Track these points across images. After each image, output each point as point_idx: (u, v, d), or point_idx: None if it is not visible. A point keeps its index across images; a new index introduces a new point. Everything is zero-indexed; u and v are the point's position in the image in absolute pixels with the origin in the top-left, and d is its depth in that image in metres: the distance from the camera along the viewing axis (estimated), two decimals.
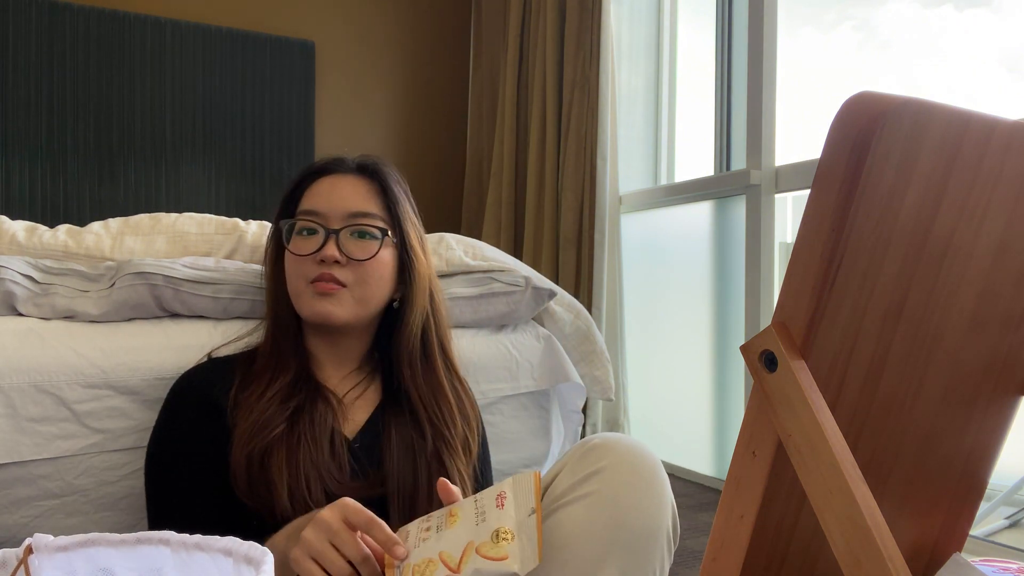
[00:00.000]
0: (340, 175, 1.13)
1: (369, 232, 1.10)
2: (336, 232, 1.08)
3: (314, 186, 1.13)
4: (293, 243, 1.10)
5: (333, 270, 1.07)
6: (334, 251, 1.06)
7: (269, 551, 0.39)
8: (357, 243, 1.09)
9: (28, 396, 1.11)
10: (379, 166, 1.15)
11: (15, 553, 0.39)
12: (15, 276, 1.22)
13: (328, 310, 1.06)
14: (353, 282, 1.08)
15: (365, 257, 1.08)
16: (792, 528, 0.53)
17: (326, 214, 1.09)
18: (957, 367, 0.55)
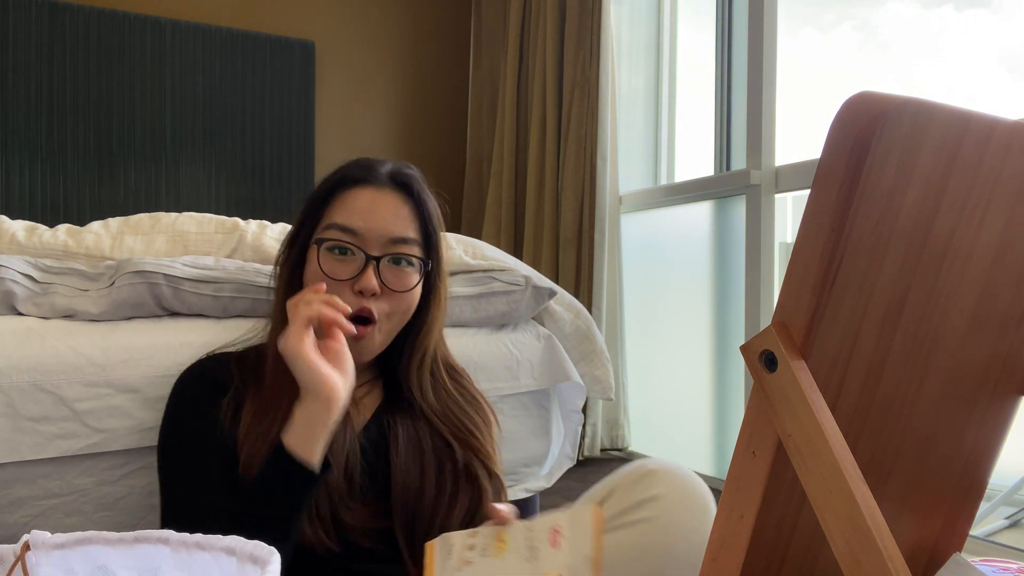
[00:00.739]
0: (379, 189, 1.06)
1: (409, 261, 1.04)
2: (377, 260, 1.01)
3: (349, 198, 1.05)
4: (325, 261, 1.02)
5: (369, 302, 1.01)
6: (374, 283, 1.00)
7: (275, 550, 0.39)
8: (395, 272, 1.03)
9: (28, 395, 1.11)
10: (419, 186, 1.09)
11: (12, 550, 0.39)
12: (15, 275, 1.23)
13: (357, 353, 0.99)
14: (386, 315, 1.03)
15: (403, 289, 1.03)
16: (792, 528, 0.53)
17: (365, 236, 1.02)
18: (957, 367, 0.55)
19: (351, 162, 1.11)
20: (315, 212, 1.07)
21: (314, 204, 1.08)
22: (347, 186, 1.06)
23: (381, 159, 1.12)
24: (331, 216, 1.04)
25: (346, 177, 1.07)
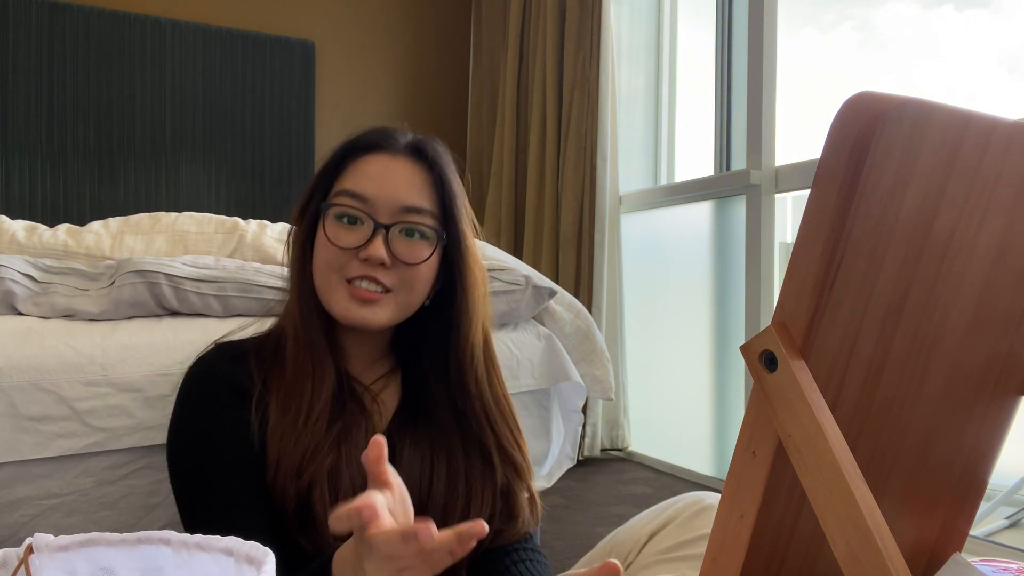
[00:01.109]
0: (393, 156, 0.98)
1: (422, 232, 0.96)
2: (386, 228, 0.94)
3: (361, 164, 0.98)
4: (331, 229, 0.94)
5: (377, 273, 0.93)
6: (382, 252, 0.92)
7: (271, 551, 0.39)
8: (407, 243, 0.95)
9: (28, 395, 1.11)
10: (437, 152, 1.00)
11: (16, 553, 0.39)
12: (15, 275, 1.23)
13: (365, 317, 0.94)
14: (398, 287, 0.95)
15: (415, 262, 0.95)
16: (792, 528, 0.53)
17: (374, 202, 0.94)
18: (957, 367, 0.55)
19: (367, 128, 1.03)
20: (326, 179, 1.00)
21: (326, 171, 1.01)
22: (360, 152, 0.99)
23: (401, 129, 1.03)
24: (342, 183, 0.97)
25: (360, 143, 0.99)
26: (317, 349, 0.96)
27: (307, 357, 0.94)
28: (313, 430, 0.90)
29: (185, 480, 0.93)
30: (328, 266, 0.95)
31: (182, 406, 0.96)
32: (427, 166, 0.98)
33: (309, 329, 0.97)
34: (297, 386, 0.92)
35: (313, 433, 0.90)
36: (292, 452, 0.88)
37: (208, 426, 0.92)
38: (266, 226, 1.76)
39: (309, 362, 0.93)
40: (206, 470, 0.91)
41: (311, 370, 0.93)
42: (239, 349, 0.99)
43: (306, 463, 0.88)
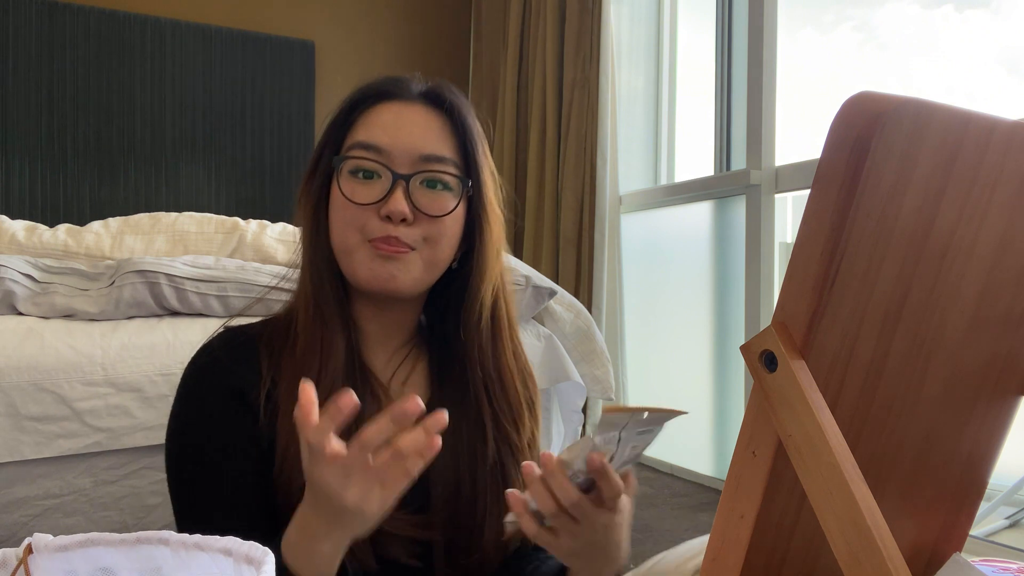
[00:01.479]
0: (406, 103, 0.90)
1: (444, 182, 0.88)
2: (406, 178, 0.85)
3: (372, 114, 0.89)
4: (347, 185, 0.87)
5: (399, 230, 0.85)
6: (404, 206, 0.84)
7: (270, 551, 0.39)
8: (429, 195, 0.87)
9: (28, 395, 1.11)
10: (454, 97, 0.92)
11: (15, 553, 0.39)
12: (15, 275, 1.23)
13: (391, 275, 0.85)
14: (423, 243, 0.87)
15: (440, 214, 0.87)
16: (792, 528, 0.53)
17: (391, 152, 0.86)
18: (957, 367, 0.55)
19: (376, 78, 0.95)
20: (336, 134, 0.91)
21: (335, 126, 0.91)
22: (370, 102, 0.91)
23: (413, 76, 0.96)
24: (353, 136, 0.89)
25: (369, 92, 0.91)
26: (327, 319, 0.88)
27: (316, 329, 0.87)
28: None
29: (177, 483, 0.89)
30: (347, 225, 0.86)
31: (180, 405, 0.90)
32: (444, 112, 0.91)
33: (319, 299, 0.89)
34: (304, 364, 0.85)
35: None
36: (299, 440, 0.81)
37: (202, 431, 0.86)
38: (266, 226, 1.76)
39: (318, 335, 0.86)
40: (198, 478, 0.86)
41: (319, 345, 0.86)
42: (248, 335, 0.91)
43: None
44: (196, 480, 0.86)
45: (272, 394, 0.85)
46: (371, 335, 0.93)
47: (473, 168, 0.90)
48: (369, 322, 0.93)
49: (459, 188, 0.89)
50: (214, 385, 0.87)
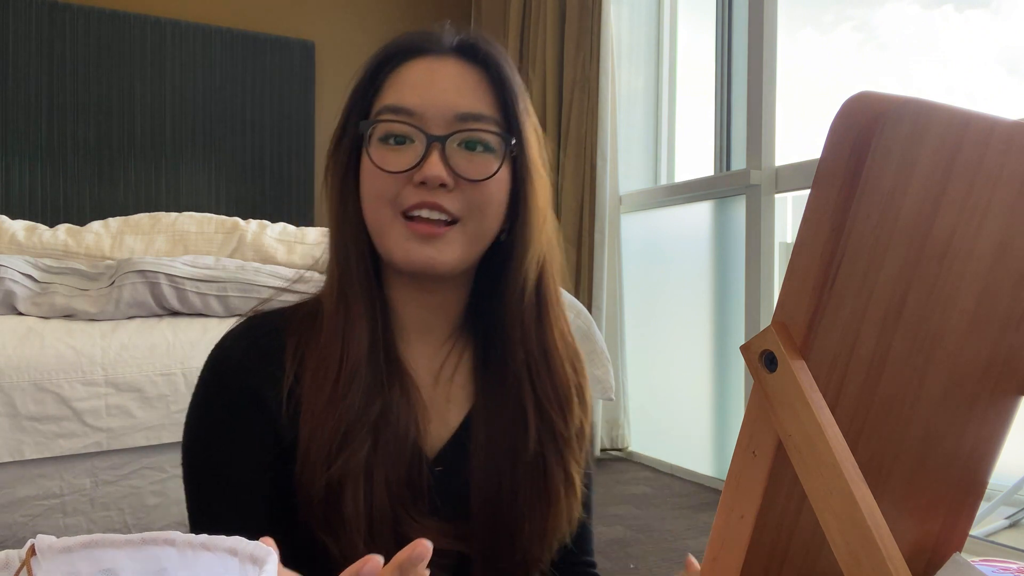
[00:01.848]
0: (437, 58, 0.80)
1: (484, 142, 0.78)
2: (441, 140, 0.76)
3: (401, 73, 0.80)
4: (377, 153, 0.77)
5: (438, 197, 0.75)
6: (440, 169, 0.75)
7: (272, 550, 0.39)
8: (469, 157, 0.77)
9: (28, 394, 1.11)
10: (490, 48, 0.83)
11: (18, 554, 0.39)
12: (15, 275, 1.23)
13: (430, 257, 0.76)
14: (466, 213, 0.77)
15: (482, 177, 0.77)
16: (792, 528, 0.53)
17: (423, 113, 0.77)
18: (957, 367, 0.55)
19: (404, 34, 0.85)
20: (362, 99, 0.82)
21: (360, 89, 0.82)
22: (398, 60, 0.81)
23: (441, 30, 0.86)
24: (381, 99, 0.80)
25: (396, 49, 0.82)
26: (350, 303, 0.79)
27: (340, 311, 0.78)
28: (344, 406, 0.75)
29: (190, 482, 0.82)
30: (379, 198, 0.77)
31: (197, 400, 0.82)
32: (480, 65, 0.81)
33: (343, 281, 0.80)
34: (328, 351, 0.78)
35: (345, 411, 0.75)
36: (322, 434, 0.75)
37: (216, 433, 0.80)
38: (266, 226, 1.76)
39: (342, 318, 0.78)
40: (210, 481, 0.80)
41: (343, 328, 0.78)
42: (274, 326, 0.82)
43: (336, 450, 0.74)
44: (208, 482, 0.81)
45: (294, 390, 0.78)
46: (410, 324, 0.83)
47: (515, 125, 0.80)
48: (407, 307, 0.82)
49: (501, 148, 0.79)
50: (231, 384, 0.80)
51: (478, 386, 0.84)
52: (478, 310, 0.85)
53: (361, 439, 0.75)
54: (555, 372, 0.83)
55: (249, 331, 0.82)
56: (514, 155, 0.80)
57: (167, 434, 1.31)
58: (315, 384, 0.77)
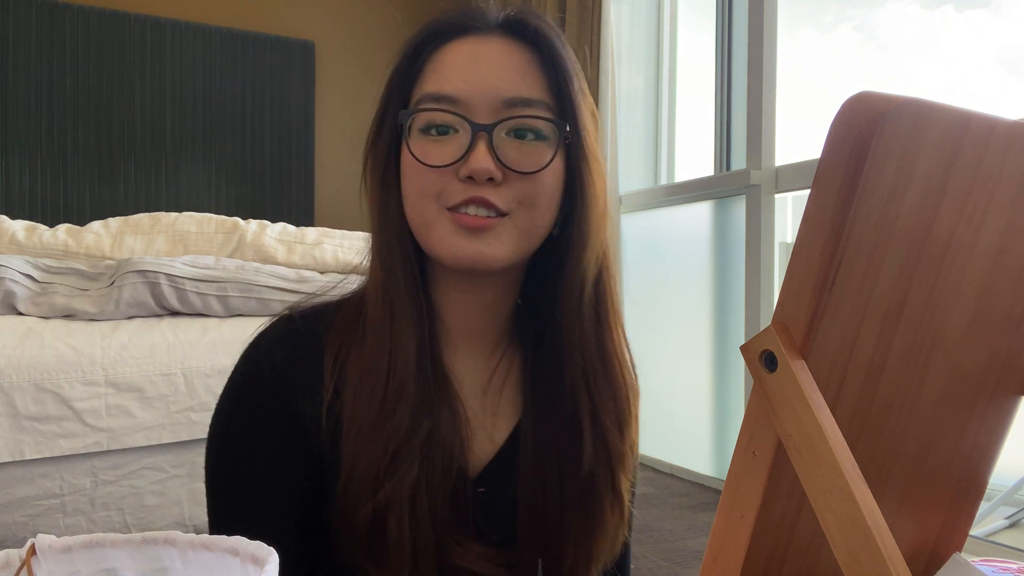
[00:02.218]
0: (482, 37, 0.74)
1: (535, 129, 0.71)
2: (488, 129, 0.69)
3: (443, 55, 0.74)
4: (418, 146, 0.71)
5: (486, 191, 0.69)
6: (488, 162, 0.68)
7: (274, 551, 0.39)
8: (519, 147, 0.71)
9: (28, 394, 1.11)
10: (540, 23, 0.77)
11: (18, 554, 0.39)
12: (15, 275, 1.23)
13: (479, 251, 0.69)
14: (516, 206, 0.70)
15: (534, 169, 0.70)
16: (792, 528, 0.53)
17: (467, 100, 0.70)
18: (957, 367, 0.55)
19: (445, 11, 0.78)
20: (401, 84, 0.75)
21: (398, 74, 0.76)
22: (439, 41, 0.74)
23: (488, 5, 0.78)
24: (422, 86, 0.73)
25: (437, 29, 0.75)
26: (396, 313, 0.73)
27: (385, 319, 0.72)
28: (392, 426, 0.70)
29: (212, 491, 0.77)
30: (421, 194, 0.71)
31: (225, 406, 0.77)
32: (530, 43, 0.74)
33: (389, 286, 0.74)
34: (372, 363, 0.72)
35: (392, 432, 0.70)
36: (368, 457, 0.70)
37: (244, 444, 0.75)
38: (266, 226, 1.76)
39: (387, 327, 0.72)
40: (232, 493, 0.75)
41: (388, 339, 0.72)
42: (312, 331, 0.76)
43: (384, 474, 0.69)
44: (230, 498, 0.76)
45: (334, 404, 0.72)
46: (456, 330, 0.77)
47: (569, 109, 0.73)
48: (454, 311, 0.77)
49: (555, 135, 0.72)
50: (263, 394, 0.74)
51: (527, 397, 0.78)
52: (528, 313, 0.79)
53: (409, 462, 0.70)
54: (613, 380, 0.77)
55: (284, 335, 0.76)
56: (568, 142, 0.73)
57: (167, 434, 1.31)
58: (359, 401, 0.71)
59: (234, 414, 0.75)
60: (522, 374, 0.79)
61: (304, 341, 0.75)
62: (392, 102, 0.75)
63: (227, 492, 0.75)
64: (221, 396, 0.77)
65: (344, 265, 1.75)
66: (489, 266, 0.71)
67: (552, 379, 0.76)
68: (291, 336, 0.75)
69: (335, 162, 3.62)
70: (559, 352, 0.75)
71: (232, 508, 0.75)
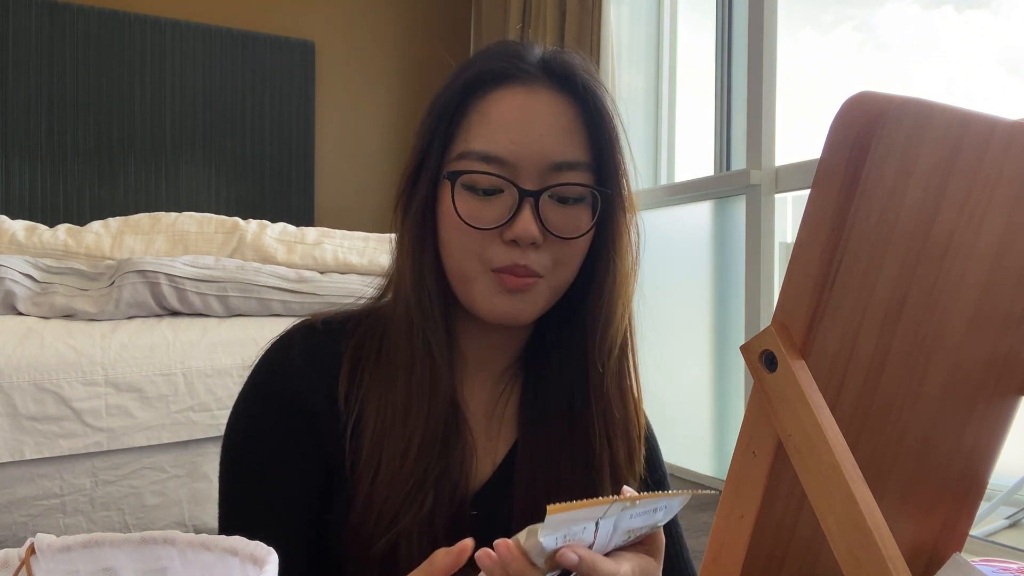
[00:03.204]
0: (530, 90, 0.72)
1: (578, 196, 0.72)
2: (535, 196, 0.70)
3: (490, 106, 0.72)
4: (463, 204, 0.71)
5: (528, 257, 0.70)
6: (534, 230, 0.69)
7: (273, 551, 0.39)
8: (561, 212, 0.72)
9: (28, 394, 1.11)
10: (588, 79, 0.74)
11: (17, 553, 0.39)
12: (15, 275, 1.23)
13: (518, 310, 0.72)
14: (551, 268, 0.72)
15: (574, 235, 0.72)
16: (792, 528, 0.53)
17: (515, 163, 0.70)
18: (957, 367, 0.55)
19: (488, 50, 0.77)
20: (446, 128, 0.74)
21: (443, 116, 0.75)
22: (487, 86, 0.73)
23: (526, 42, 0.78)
24: (467, 137, 0.72)
25: (484, 72, 0.73)
26: (437, 362, 0.74)
27: (415, 359, 0.74)
28: (414, 469, 0.72)
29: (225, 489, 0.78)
30: (465, 252, 0.72)
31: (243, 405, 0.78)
32: (573, 95, 0.73)
33: (427, 325, 0.74)
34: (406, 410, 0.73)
35: (412, 469, 0.72)
36: (387, 495, 0.71)
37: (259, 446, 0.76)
38: (266, 226, 1.76)
39: (427, 380, 0.73)
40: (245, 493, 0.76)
41: (427, 392, 0.73)
42: (333, 342, 0.77)
43: (404, 509, 0.71)
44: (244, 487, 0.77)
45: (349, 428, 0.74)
46: (472, 359, 0.80)
47: (611, 173, 0.74)
48: (470, 343, 0.79)
49: (593, 200, 0.73)
50: (281, 392, 0.76)
51: (525, 419, 0.80)
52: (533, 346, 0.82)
53: (424, 495, 0.72)
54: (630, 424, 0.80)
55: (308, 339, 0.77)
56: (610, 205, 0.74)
57: (167, 434, 1.31)
58: (379, 438, 0.73)
59: (251, 410, 0.77)
60: (522, 397, 0.81)
61: (324, 347, 0.76)
62: (434, 147, 0.75)
63: (241, 485, 0.77)
64: (240, 393, 0.79)
65: (344, 265, 1.75)
66: (523, 321, 0.74)
67: (551, 403, 0.79)
68: (312, 340, 0.77)
69: (335, 162, 3.62)
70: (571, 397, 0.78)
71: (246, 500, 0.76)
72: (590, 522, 0.53)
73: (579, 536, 0.54)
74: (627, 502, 0.54)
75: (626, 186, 0.76)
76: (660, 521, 0.59)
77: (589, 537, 0.54)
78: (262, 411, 0.76)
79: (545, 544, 0.52)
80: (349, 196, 3.61)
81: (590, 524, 0.53)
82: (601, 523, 0.54)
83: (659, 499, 0.56)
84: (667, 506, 0.58)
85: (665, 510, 0.58)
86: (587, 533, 0.54)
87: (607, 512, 0.53)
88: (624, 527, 0.56)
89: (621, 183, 0.75)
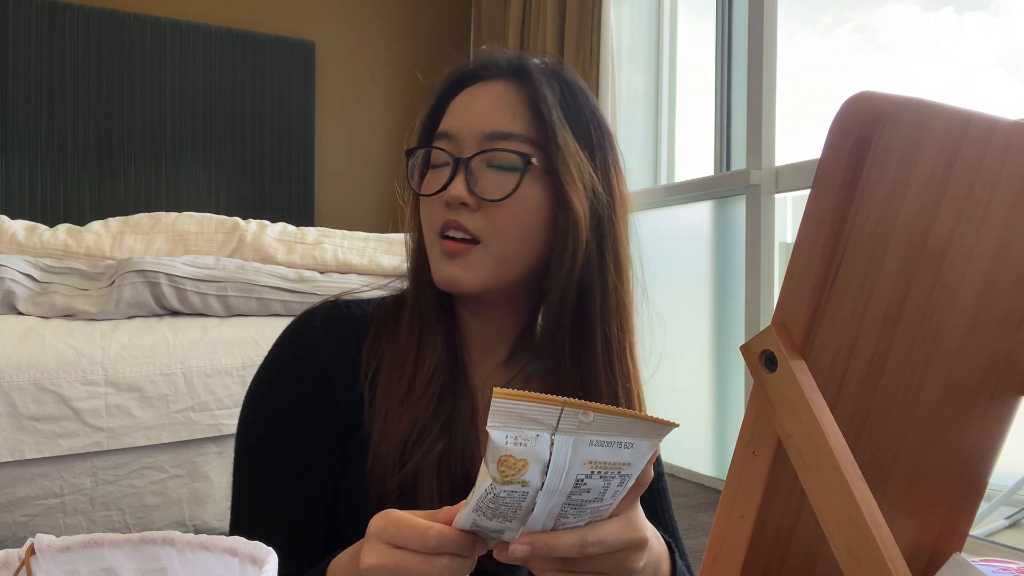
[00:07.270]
0: (489, 83, 0.81)
1: (504, 161, 0.77)
2: (466, 162, 0.77)
3: (457, 98, 0.82)
4: (423, 180, 0.81)
5: (460, 216, 0.76)
6: (459, 189, 0.76)
7: (273, 551, 0.39)
8: (490, 176, 0.77)
9: (29, 394, 1.11)
10: (531, 64, 0.81)
11: (17, 553, 0.39)
12: (15, 275, 1.23)
13: (455, 275, 0.77)
14: (488, 233, 0.77)
15: (499, 196, 0.76)
16: (792, 528, 0.53)
17: (457, 136, 0.78)
18: (957, 367, 0.55)
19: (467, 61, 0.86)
20: (427, 131, 0.84)
21: (427, 120, 0.85)
22: (457, 88, 0.83)
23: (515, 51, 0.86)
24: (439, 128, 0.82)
25: (456, 76, 0.84)
26: (426, 315, 0.81)
27: (415, 323, 0.81)
28: (416, 408, 0.77)
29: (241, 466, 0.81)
30: (426, 225, 0.81)
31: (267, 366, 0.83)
32: (520, 80, 0.80)
33: (418, 296, 0.83)
34: (403, 357, 0.80)
35: (416, 412, 0.77)
36: (393, 433, 0.76)
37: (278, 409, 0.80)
38: (266, 226, 1.76)
39: (417, 329, 0.81)
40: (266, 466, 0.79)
41: (418, 339, 0.80)
42: (357, 314, 0.84)
43: (410, 448, 0.75)
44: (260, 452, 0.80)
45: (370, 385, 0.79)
46: (474, 344, 0.85)
47: (553, 142, 0.78)
48: (470, 328, 0.85)
49: (523, 165, 0.77)
50: (302, 357, 0.81)
51: None
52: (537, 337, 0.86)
53: (435, 437, 0.76)
54: None
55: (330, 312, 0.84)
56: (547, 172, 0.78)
57: (167, 434, 1.31)
58: (389, 383, 0.79)
59: (271, 369, 0.82)
60: (543, 386, 0.83)
61: (347, 318, 0.83)
62: (420, 141, 0.84)
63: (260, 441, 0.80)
64: (264, 360, 0.84)
65: (344, 265, 1.75)
66: (461, 289, 0.78)
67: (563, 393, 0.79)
68: (334, 311, 0.84)
69: (335, 162, 3.62)
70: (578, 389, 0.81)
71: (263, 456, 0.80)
72: (544, 431, 0.49)
73: (533, 446, 0.49)
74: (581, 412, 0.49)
75: (571, 159, 0.80)
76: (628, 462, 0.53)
77: (544, 451, 0.50)
78: (280, 369, 0.82)
79: (495, 439, 0.48)
80: (349, 196, 3.61)
81: (544, 434, 0.49)
82: (557, 439, 0.50)
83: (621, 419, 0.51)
84: (634, 444, 0.53)
85: (633, 449, 0.53)
86: (541, 445, 0.49)
87: (560, 420, 0.49)
88: (584, 456, 0.51)
89: (563, 150, 0.79)
